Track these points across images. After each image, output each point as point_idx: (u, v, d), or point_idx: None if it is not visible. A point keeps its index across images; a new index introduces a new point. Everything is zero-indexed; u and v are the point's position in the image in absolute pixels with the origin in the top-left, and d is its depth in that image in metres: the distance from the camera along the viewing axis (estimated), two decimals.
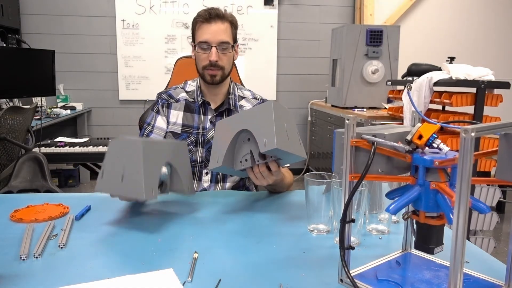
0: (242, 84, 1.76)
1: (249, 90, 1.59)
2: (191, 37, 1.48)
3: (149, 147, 1.01)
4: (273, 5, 4.46)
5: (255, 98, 1.56)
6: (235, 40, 1.44)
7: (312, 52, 4.62)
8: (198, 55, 1.42)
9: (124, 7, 4.26)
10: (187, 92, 1.51)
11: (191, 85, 1.53)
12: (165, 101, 1.49)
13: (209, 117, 1.47)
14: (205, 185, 1.45)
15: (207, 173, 1.46)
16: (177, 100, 1.49)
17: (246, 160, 1.09)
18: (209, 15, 1.38)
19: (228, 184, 1.47)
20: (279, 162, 1.13)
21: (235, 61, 1.67)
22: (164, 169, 1.06)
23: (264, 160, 1.09)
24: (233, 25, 1.43)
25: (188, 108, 1.48)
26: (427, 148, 0.67)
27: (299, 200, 1.24)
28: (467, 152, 0.54)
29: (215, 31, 1.38)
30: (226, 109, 1.48)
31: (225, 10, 1.42)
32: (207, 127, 1.46)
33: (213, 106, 1.48)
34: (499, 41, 4.74)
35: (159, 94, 1.52)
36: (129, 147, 1.00)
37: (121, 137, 1.03)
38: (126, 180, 0.97)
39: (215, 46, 1.38)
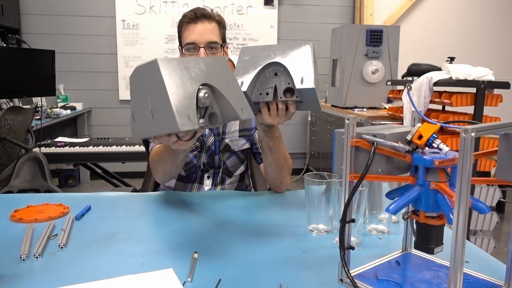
0: None
1: None
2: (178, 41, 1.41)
3: (170, 64, 0.80)
4: (273, 5, 4.46)
5: None
6: (223, 40, 1.39)
7: None
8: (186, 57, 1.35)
9: (124, 7, 4.26)
10: None
11: None
12: None
13: None
14: (206, 188, 1.44)
15: (208, 177, 1.45)
16: None
17: (267, 94, 1.04)
18: (195, 15, 1.32)
19: (227, 186, 1.47)
20: (297, 105, 1.08)
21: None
22: (202, 93, 0.82)
23: (287, 99, 1.04)
24: (221, 24, 1.37)
25: None
26: (427, 148, 0.67)
27: (299, 200, 1.24)
28: (467, 152, 0.54)
29: (202, 31, 1.32)
30: None
31: (212, 10, 1.38)
32: (206, 133, 1.42)
33: None
34: (499, 41, 4.74)
35: None
36: (147, 71, 0.82)
37: (139, 66, 0.85)
38: (157, 114, 0.80)
39: (203, 47, 1.31)
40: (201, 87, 0.83)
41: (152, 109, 0.80)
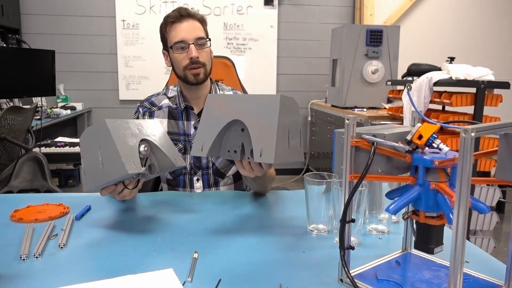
0: (239, 83, 1.72)
1: (232, 90, 1.52)
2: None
3: (116, 123, 0.98)
4: (273, 5, 4.46)
5: None
6: (207, 36, 1.40)
7: (312, 52, 4.62)
8: (176, 56, 1.36)
9: (124, 7, 4.26)
10: (169, 98, 1.46)
11: (173, 90, 1.47)
12: (147, 109, 1.44)
13: (192, 122, 1.42)
14: (198, 191, 1.42)
15: (198, 180, 1.43)
16: (160, 108, 1.44)
17: (235, 151, 0.98)
18: (180, 14, 1.34)
19: (222, 188, 1.45)
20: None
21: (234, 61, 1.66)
22: (142, 146, 1.00)
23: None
24: (204, 22, 1.40)
25: (172, 115, 1.43)
26: (427, 148, 0.67)
27: (299, 200, 1.24)
28: (467, 152, 0.54)
29: (189, 28, 1.34)
30: None
31: (192, 9, 1.40)
32: (191, 133, 1.42)
33: (196, 110, 1.42)
34: (499, 41, 4.74)
35: (141, 103, 1.47)
36: (96, 131, 0.98)
37: (88, 128, 1.02)
38: (106, 163, 0.95)
39: (193, 43, 1.34)
40: (141, 142, 1.01)
41: (102, 160, 0.96)
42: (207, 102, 1.01)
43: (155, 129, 1.09)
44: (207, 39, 1.38)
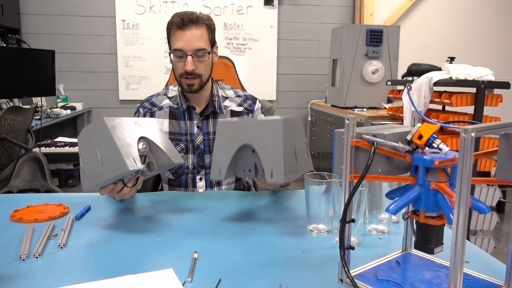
0: (239, 83, 1.72)
1: (232, 88, 1.52)
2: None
3: (114, 122, 0.98)
4: (273, 5, 4.46)
5: (238, 96, 1.50)
6: (213, 43, 1.38)
7: (312, 52, 4.62)
8: (174, 63, 1.36)
9: (124, 7, 4.26)
10: (169, 98, 1.45)
11: (173, 90, 1.47)
12: (147, 110, 1.44)
13: (195, 121, 1.43)
14: (200, 191, 1.42)
15: (200, 179, 1.43)
16: (161, 108, 1.44)
17: (250, 170, 1.05)
18: (182, 22, 1.31)
19: (224, 187, 1.45)
20: None
21: (235, 62, 1.65)
22: (141, 145, 1.01)
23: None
24: (210, 28, 1.36)
25: (173, 115, 1.43)
26: (427, 148, 0.67)
27: (299, 200, 1.24)
28: (467, 152, 0.54)
29: (190, 39, 1.31)
30: (211, 112, 1.43)
31: (200, 13, 1.35)
32: (195, 132, 1.42)
33: (198, 110, 1.43)
34: (499, 41, 4.74)
35: (141, 103, 1.46)
36: (95, 130, 0.98)
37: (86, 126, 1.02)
38: (106, 161, 0.95)
39: (191, 55, 1.32)
40: (139, 139, 1.02)
41: (102, 158, 0.96)
42: (219, 129, 1.06)
43: (152, 127, 1.10)
44: (208, 51, 1.35)
